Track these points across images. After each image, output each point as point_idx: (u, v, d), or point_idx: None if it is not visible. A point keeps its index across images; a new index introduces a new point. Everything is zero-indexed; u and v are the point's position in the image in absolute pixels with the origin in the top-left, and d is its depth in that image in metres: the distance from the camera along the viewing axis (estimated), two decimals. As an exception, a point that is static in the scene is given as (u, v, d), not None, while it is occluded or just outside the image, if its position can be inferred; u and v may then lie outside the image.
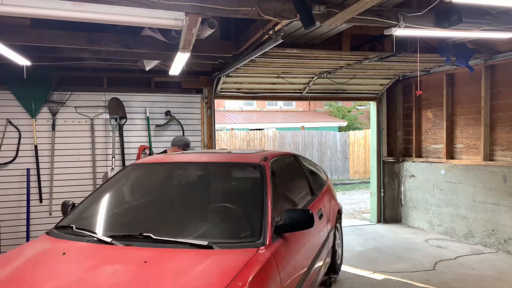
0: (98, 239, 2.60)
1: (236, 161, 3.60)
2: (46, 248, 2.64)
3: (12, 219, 5.70)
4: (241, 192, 3.27)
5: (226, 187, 3.41)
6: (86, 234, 2.68)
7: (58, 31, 4.40)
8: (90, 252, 2.50)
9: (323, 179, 4.88)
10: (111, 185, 3.46)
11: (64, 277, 2.19)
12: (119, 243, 2.52)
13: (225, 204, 3.10)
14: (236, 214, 2.96)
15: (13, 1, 2.84)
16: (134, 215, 3.18)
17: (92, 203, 3.25)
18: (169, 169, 3.64)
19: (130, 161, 6.18)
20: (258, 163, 3.22)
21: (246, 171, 3.38)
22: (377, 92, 7.66)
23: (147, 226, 2.81)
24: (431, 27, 3.94)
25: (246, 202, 3.03)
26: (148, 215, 3.12)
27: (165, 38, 4.42)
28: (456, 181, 6.31)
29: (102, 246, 2.54)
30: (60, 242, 2.68)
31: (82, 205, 3.20)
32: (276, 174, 3.32)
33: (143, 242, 2.52)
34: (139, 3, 3.09)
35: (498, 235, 5.65)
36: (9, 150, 5.70)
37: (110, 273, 2.21)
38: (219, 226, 2.87)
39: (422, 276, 4.68)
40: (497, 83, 5.76)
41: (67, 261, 2.38)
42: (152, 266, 2.23)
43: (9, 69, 5.35)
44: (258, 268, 2.25)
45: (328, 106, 22.77)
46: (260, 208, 2.75)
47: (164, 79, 6.38)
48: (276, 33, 3.95)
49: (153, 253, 2.38)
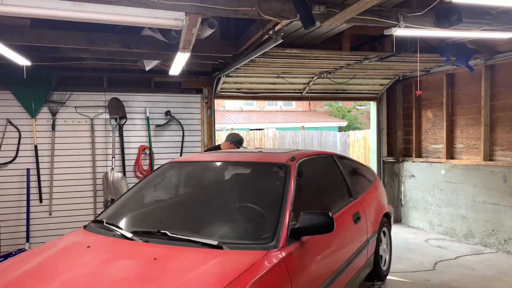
0: (122, 235, 2.72)
1: (262, 161, 3.53)
2: (76, 240, 2.82)
3: (12, 219, 5.69)
4: (262, 192, 3.23)
5: (249, 187, 3.43)
6: (113, 229, 2.82)
7: (58, 31, 4.40)
8: (111, 247, 2.62)
9: (367, 181, 4.63)
10: (146, 182, 3.64)
11: (80, 269, 2.33)
12: (139, 239, 2.62)
13: (244, 204, 3.10)
14: (253, 214, 2.93)
15: (13, 1, 2.84)
16: (159, 212, 3.34)
17: (125, 199, 3.40)
18: (197, 168, 3.79)
19: (130, 161, 6.21)
20: (284, 163, 3.17)
21: (271, 171, 3.34)
22: (377, 92, 7.67)
23: (166, 224, 2.97)
24: (431, 27, 3.94)
25: (265, 202, 2.99)
26: (170, 213, 3.30)
27: (165, 38, 4.42)
28: (456, 181, 6.31)
29: (123, 241, 2.65)
30: (90, 235, 2.85)
31: (117, 201, 3.37)
32: (304, 174, 3.25)
33: (159, 239, 2.59)
34: (139, 3, 3.09)
35: (498, 235, 5.65)
36: (9, 150, 5.70)
37: (121, 267, 2.30)
38: (234, 226, 2.88)
39: (422, 276, 4.68)
40: (497, 83, 5.76)
41: (89, 254, 2.53)
42: (160, 263, 2.29)
43: (9, 69, 5.35)
44: (264, 271, 2.21)
45: (328, 106, 22.77)
46: (278, 209, 2.70)
47: (164, 79, 6.38)
48: (276, 33, 3.95)
49: (165, 250, 2.45)
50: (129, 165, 6.21)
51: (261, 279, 2.15)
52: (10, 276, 2.32)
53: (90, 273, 2.26)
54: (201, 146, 6.60)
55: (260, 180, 3.45)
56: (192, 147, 6.54)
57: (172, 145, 6.44)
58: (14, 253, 5.44)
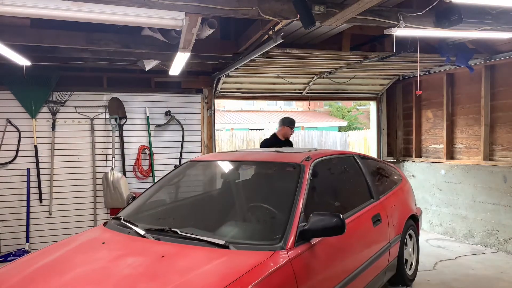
0: (136, 232, 2.77)
1: (277, 161, 3.49)
2: (94, 236, 2.90)
3: (12, 219, 5.69)
4: (275, 192, 3.21)
5: (262, 187, 3.44)
6: (129, 226, 2.88)
7: (58, 31, 4.40)
8: (124, 243, 2.69)
9: (392, 181, 4.46)
10: (165, 180, 3.71)
11: (91, 264, 2.41)
12: (151, 237, 2.67)
13: (256, 204, 3.10)
14: (264, 215, 2.92)
15: (13, 1, 2.85)
16: (173, 210, 3.42)
17: (145, 197, 3.47)
18: (213, 167, 3.87)
19: (130, 161, 6.21)
20: (298, 163, 3.13)
21: (285, 171, 3.31)
22: (377, 92, 7.67)
23: (179, 222, 3.06)
24: (431, 27, 3.94)
25: (276, 203, 2.96)
26: (184, 211, 3.39)
27: (165, 38, 4.42)
28: (456, 181, 6.31)
29: (136, 238, 2.71)
30: (107, 232, 2.93)
31: (137, 199, 3.44)
32: (320, 175, 3.20)
33: (170, 237, 2.63)
34: (139, 3, 3.09)
35: (498, 235, 5.65)
36: (9, 150, 5.70)
37: (128, 264, 2.34)
38: (244, 226, 2.89)
39: (422, 276, 4.68)
40: (497, 83, 5.76)
41: (103, 250, 2.61)
42: (166, 261, 2.32)
43: (9, 69, 5.35)
44: (268, 272, 2.19)
45: (328, 106, 22.77)
46: (287, 209, 2.67)
47: (164, 79, 6.38)
48: (276, 33, 3.94)
49: (173, 248, 2.48)
50: (129, 165, 6.21)
51: (264, 280, 2.14)
52: (29, 269, 2.43)
53: (100, 269, 2.33)
54: (201, 146, 6.60)
55: (273, 180, 3.45)
56: (192, 147, 6.53)
57: (172, 145, 6.44)
58: (14, 253, 5.45)
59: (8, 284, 2.27)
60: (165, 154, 6.40)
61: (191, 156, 6.27)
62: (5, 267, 2.60)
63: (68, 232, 5.65)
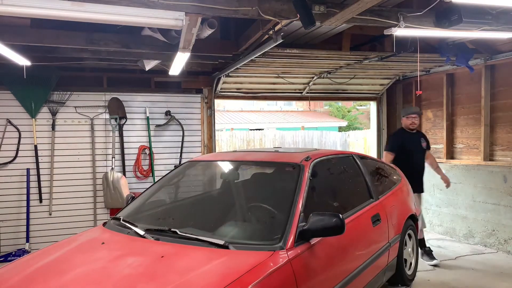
0: (135, 232, 2.76)
1: (276, 161, 3.49)
2: (94, 237, 2.90)
3: (12, 219, 5.69)
4: (274, 192, 3.21)
5: (261, 187, 3.44)
6: (128, 227, 2.87)
7: (58, 31, 4.40)
8: (123, 244, 2.69)
9: (392, 181, 4.46)
10: (165, 180, 3.71)
11: (91, 264, 2.41)
12: (150, 237, 2.66)
13: (256, 204, 3.09)
14: (264, 215, 2.91)
15: (13, 1, 2.84)
16: (173, 210, 3.42)
17: (144, 197, 3.47)
18: (212, 167, 3.88)
19: (130, 161, 6.21)
20: (298, 163, 3.12)
21: (285, 170, 3.30)
22: (377, 92, 7.66)
23: (178, 222, 3.07)
24: (431, 27, 3.94)
25: (276, 203, 2.96)
26: (184, 211, 3.41)
27: (165, 38, 4.42)
28: (456, 181, 6.30)
29: (136, 238, 2.71)
30: (107, 232, 2.92)
31: (137, 199, 3.44)
32: (319, 175, 3.20)
33: (169, 237, 2.62)
34: (139, 3, 3.09)
35: (498, 235, 5.65)
36: (9, 150, 5.70)
37: (128, 264, 2.35)
38: (244, 226, 2.89)
39: (423, 276, 4.68)
40: (497, 83, 5.76)
41: (102, 250, 2.60)
42: (165, 261, 2.31)
43: (9, 69, 5.34)
44: (267, 272, 2.19)
45: (328, 106, 22.76)
46: (287, 209, 2.66)
47: (164, 79, 6.38)
48: (276, 33, 3.94)
49: (173, 248, 2.48)
50: (129, 165, 6.21)
51: (264, 280, 2.14)
52: (29, 269, 2.43)
53: (99, 269, 2.33)
54: (201, 146, 6.60)
55: (273, 180, 3.45)
56: (192, 147, 6.53)
57: (172, 145, 6.44)
58: (14, 253, 5.45)
59: (8, 284, 2.27)
60: (165, 154, 6.40)
61: (191, 156, 6.28)
62: (5, 267, 2.59)
63: (68, 232, 5.65)
